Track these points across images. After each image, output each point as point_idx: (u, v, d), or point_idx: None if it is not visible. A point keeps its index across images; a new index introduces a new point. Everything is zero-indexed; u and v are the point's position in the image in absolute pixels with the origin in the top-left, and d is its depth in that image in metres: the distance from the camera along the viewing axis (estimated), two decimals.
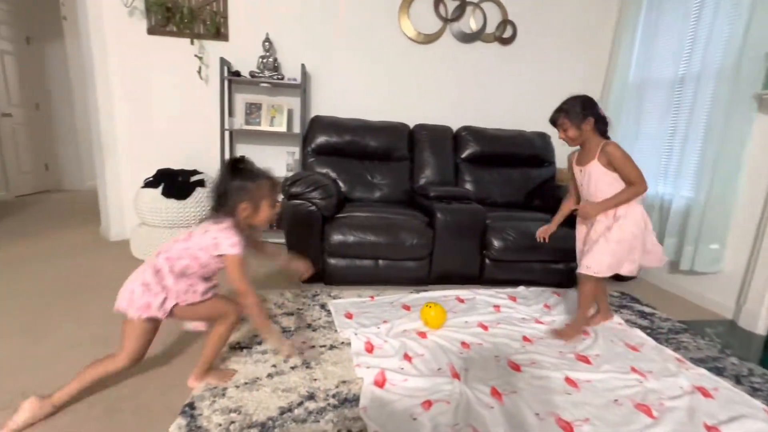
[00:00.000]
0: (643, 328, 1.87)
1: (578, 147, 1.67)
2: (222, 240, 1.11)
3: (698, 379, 1.45)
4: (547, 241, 1.91)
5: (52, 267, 2.21)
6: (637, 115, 2.73)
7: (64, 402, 1.12)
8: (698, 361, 1.59)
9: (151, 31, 2.61)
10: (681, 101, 2.39)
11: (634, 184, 1.53)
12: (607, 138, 1.61)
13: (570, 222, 1.86)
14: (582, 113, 1.54)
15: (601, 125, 1.59)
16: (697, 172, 2.24)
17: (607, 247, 1.56)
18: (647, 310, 2.10)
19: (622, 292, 2.33)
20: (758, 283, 1.94)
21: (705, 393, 1.36)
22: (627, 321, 1.92)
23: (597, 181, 1.58)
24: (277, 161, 2.89)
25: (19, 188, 4.18)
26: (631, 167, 1.52)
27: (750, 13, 1.96)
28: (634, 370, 1.48)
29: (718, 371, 1.52)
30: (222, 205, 1.14)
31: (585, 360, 1.55)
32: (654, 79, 2.63)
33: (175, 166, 2.68)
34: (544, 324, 1.82)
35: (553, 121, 1.62)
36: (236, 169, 1.14)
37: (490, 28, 2.91)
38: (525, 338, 1.69)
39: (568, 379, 1.39)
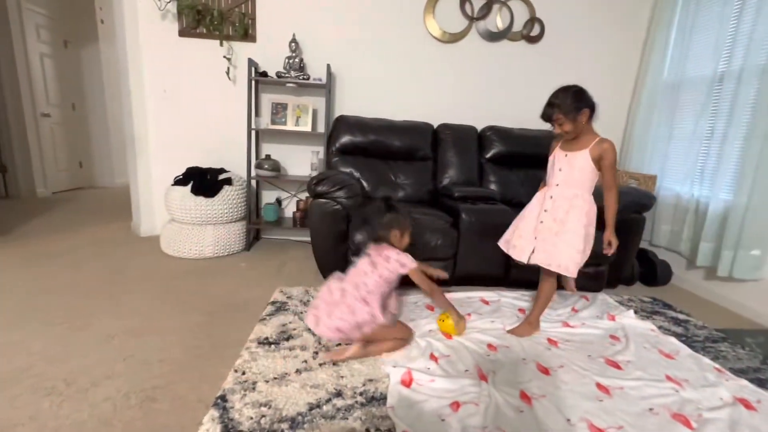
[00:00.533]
0: (677, 335, 1.80)
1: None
2: (404, 260, 1.49)
3: (740, 390, 1.38)
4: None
5: (88, 261, 2.30)
6: (671, 114, 2.64)
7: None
8: (739, 372, 1.52)
9: (182, 33, 2.69)
10: (720, 100, 2.29)
11: (613, 188, 1.55)
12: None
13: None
14: (575, 105, 1.50)
15: (593, 114, 1.55)
16: (737, 175, 2.14)
17: (577, 242, 1.55)
18: (681, 317, 2.02)
19: (654, 298, 2.25)
20: None
21: (747, 405, 1.30)
22: (660, 327, 1.86)
23: (581, 169, 1.56)
24: (302, 160, 2.93)
25: (56, 185, 4.37)
26: (615, 171, 1.55)
27: None
28: (669, 378, 1.43)
29: (760, 383, 1.45)
30: (381, 237, 1.53)
31: (615, 365, 1.50)
32: (690, 78, 2.53)
33: (204, 165, 2.75)
34: (571, 327, 1.77)
35: (548, 117, 1.57)
36: (390, 206, 1.55)
37: (517, 27, 2.86)
38: (550, 340, 1.66)
39: (599, 385, 1.36)
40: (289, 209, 3.02)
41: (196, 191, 2.46)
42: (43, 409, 1.12)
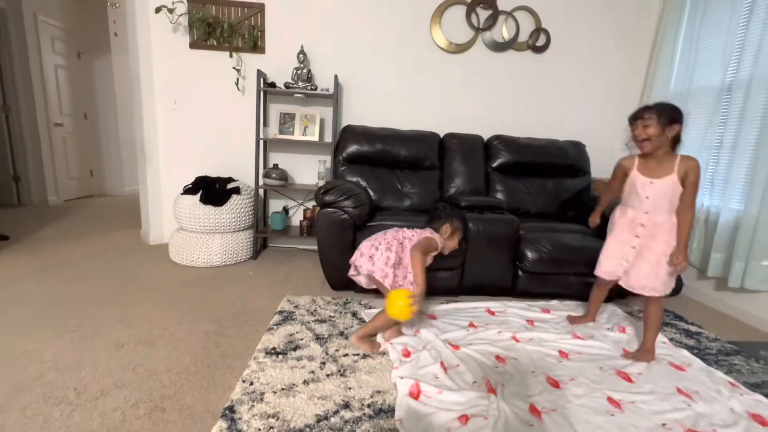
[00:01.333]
0: (689, 348, 1.77)
1: (636, 153, 1.58)
2: (423, 240, 1.69)
3: (754, 405, 1.35)
4: (597, 225, 1.96)
5: (98, 269, 2.33)
6: None
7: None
8: (753, 386, 1.49)
9: (193, 45, 2.74)
10: (729, 109, 2.28)
11: (691, 208, 1.50)
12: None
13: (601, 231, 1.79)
14: (672, 116, 1.47)
15: (676, 141, 1.52)
16: (747, 184, 2.12)
17: (668, 264, 1.55)
18: (693, 329, 1.99)
19: (664, 309, 2.21)
20: None
21: (762, 422, 1.27)
22: (672, 340, 1.83)
23: (672, 195, 1.51)
24: (309, 169, 2.95)
25: (67, 193, 4.45)
26: (696, 191, 1.49)
27: None
28: (680, 391, 1.40)
29: None
30: (434, 220, 1.79)
31: (626, 378, 1.48)
32: (698, 87, 2.52)
33: (213, 174, 2.79)
34: (581, 339, 1.75)
35: (639, 115, 1.50)
36: (455, 204, 1.84)
37: (523, 37, 2.88)
38: (561, 353, 1.64)
39: (610, 399, 1.34)
40: (296, 218, 3.03)
41: (204, 200, 2.49)
42: (53, 418, 1.12)
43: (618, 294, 2.29)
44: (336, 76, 2.69)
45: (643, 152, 1.54)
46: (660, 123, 1.46)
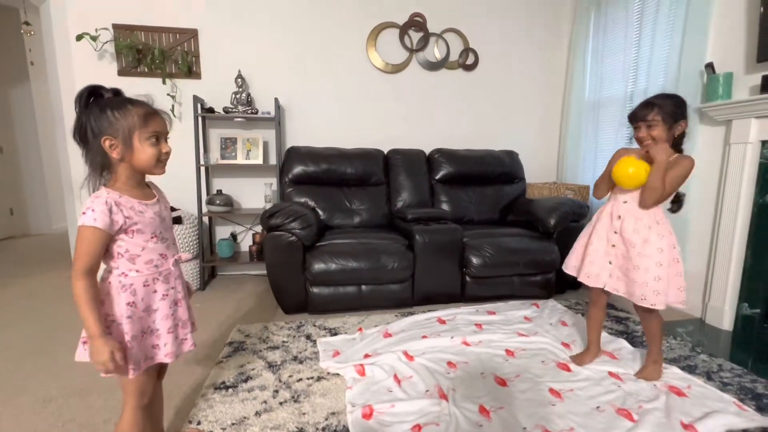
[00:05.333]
0: (620, 333, 1.94)
1: (635, 148, 1.45)
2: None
3: (672, 378, 1.51)
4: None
5: (24, 316, 2.12)
6: (595, 129, 2.92)
7: None
8: (671, 361, 1.66)
9: (122, 72, 2.63)
10: None
11: (654, 185, 1.32)
12: (680, 151, 1.39)
13: (543, 234, 1.94)
14: (677, 111, 1.33)
15: (680, 138, 1.39)
16: None
17: (655, 268, 1.36)
18: (622, 315, 2.19)
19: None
20: (719, 280, 2.07)
21: (678, 392, 1.42)
22: (604, 327, 1.99)
23: None
24: (255, 193, 2.91)
25: None
26: (675, 184, 1.33)
27: (682, 35, 2.18)
28: (611, 374, 1.54)
29: (690, 369, 1.60)
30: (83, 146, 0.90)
31: (566, 368, 1.60)
32: (607, 97, 2.83)
33: None
34: (525, 336, 1.86)
35: (640, 116, 1.36)
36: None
37: (454, 56, 3.08)
38: (508, 351, 1.73)
39: (552, 390, 1.44)
40: (246, 243, 2.96)
41: None
42: None
43: (558, 288, 2.47)
44: (276, 99, 2.70)
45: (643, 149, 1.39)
46: (666, 122, 1.33)
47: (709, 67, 2.06)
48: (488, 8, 3.08)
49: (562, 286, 2.51)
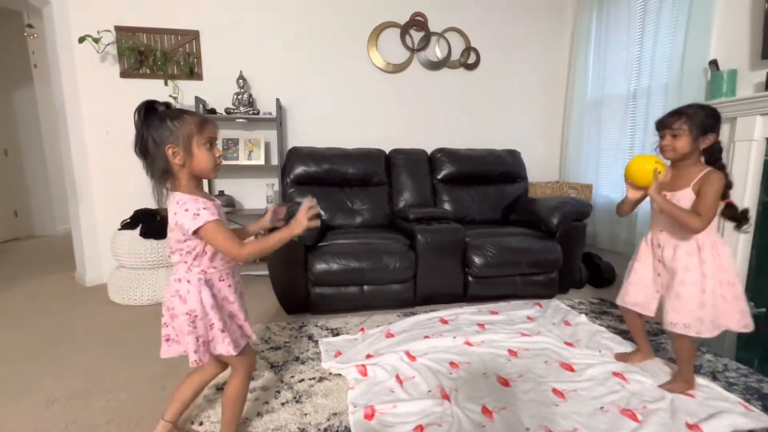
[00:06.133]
0: (623, 332, 1.93)
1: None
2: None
3: None
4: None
5: (27, 318, 2.13)
6: (598, 128, 2.91)
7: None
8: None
9: (124, 74, 2.64)
10: (636, 114, 2.57)
11: (700, 216, 1.26)
12: (719, 167, 1.32)
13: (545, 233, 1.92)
14: (707, 122, 1.28)
15: (716, 152, 1.33)
16: None
17: (695, 294, 1.31)
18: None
19: (601, 299, 2.40)
20: None
21: (687, 393, 1.41)
22: (608, 327, 1.98)
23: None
24: (257, 194, 2.91)
25: None
26: (712, 204, 1.26)
27: (686, 31, 2.16)
28: (615, 374, 1.53)
29: (695, 369, 1.57)
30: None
31: (569, 368, 1.59)
32: (609, 95, 2.82)
33: (153, 206, 2.66)
34: (528, 336, 1.85)
35: (666, 124, 1.32)
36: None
37: (455, 55, 3.07)
38: (510, 351, 1.72)
39: (555, 390, 1.42)
40: None
41: (145, 234, 2.37)
42: None
43: (561, 287, 2.45)
44: (278, 100, 2.70)
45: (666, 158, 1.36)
46: (693, 134, 1.28)
47: (713, 64, 2.05)
48: (489, 7, 3.07)
49: (566, 285, 2.49)
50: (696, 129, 1.28)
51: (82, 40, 2.47)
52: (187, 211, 0.92)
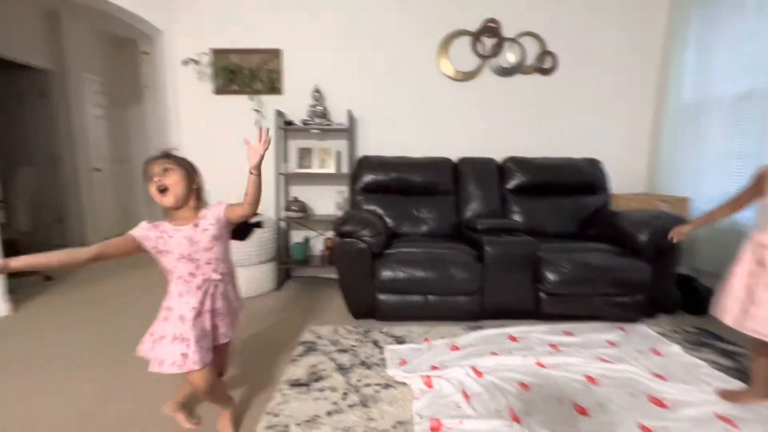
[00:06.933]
0: (727, 369, 1.68)
1: None
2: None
3: None
4: (682, 239, 1.68)
5: (134, 304, 2.46)
6: (697, 135, 2.59)
7: None
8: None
9: (217, 91, 2.96)
10: (750, 118, 2.24)
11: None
12: None
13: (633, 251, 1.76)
14: None
15: None
16: None
17: None
18: (731, 348, 1.89)
19: (699, 328, 2.12)
20: None
21: None
22: (707, 360, 1.74)
23: None
24: (328, 200, 3.05)
25: (104, 233, 4.72)
26: None
27: None
28: (720, 417, 1.33)
29: None
30: None
31: (659, 403, 1.42)
32: (714, 97, 2.49)
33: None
34: (609, 363, 1.70)
35: None
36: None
37: (529, 60, 2.95)
38: (588, 378, 1.59)
39: (643, 427, 1.29)
40: (317, 247, 3.11)
41: (230, 236, 2.60)
42: None
43: (648, 312, 2.21)
44: (350, 111, 2.81)
45: None
46: None
47: None
48: (569, 8, 2.90)
49: (654, 309, 2.24)
50: None
51: (185, 62, 2.81)
52: None
